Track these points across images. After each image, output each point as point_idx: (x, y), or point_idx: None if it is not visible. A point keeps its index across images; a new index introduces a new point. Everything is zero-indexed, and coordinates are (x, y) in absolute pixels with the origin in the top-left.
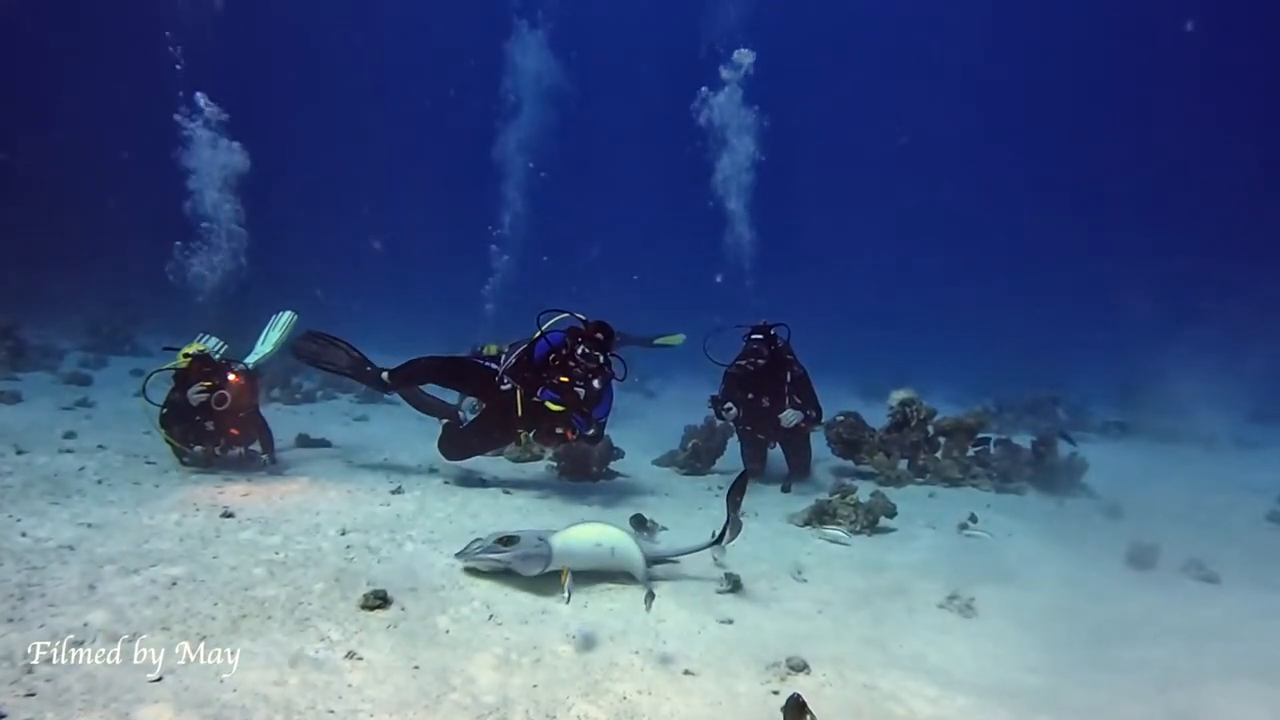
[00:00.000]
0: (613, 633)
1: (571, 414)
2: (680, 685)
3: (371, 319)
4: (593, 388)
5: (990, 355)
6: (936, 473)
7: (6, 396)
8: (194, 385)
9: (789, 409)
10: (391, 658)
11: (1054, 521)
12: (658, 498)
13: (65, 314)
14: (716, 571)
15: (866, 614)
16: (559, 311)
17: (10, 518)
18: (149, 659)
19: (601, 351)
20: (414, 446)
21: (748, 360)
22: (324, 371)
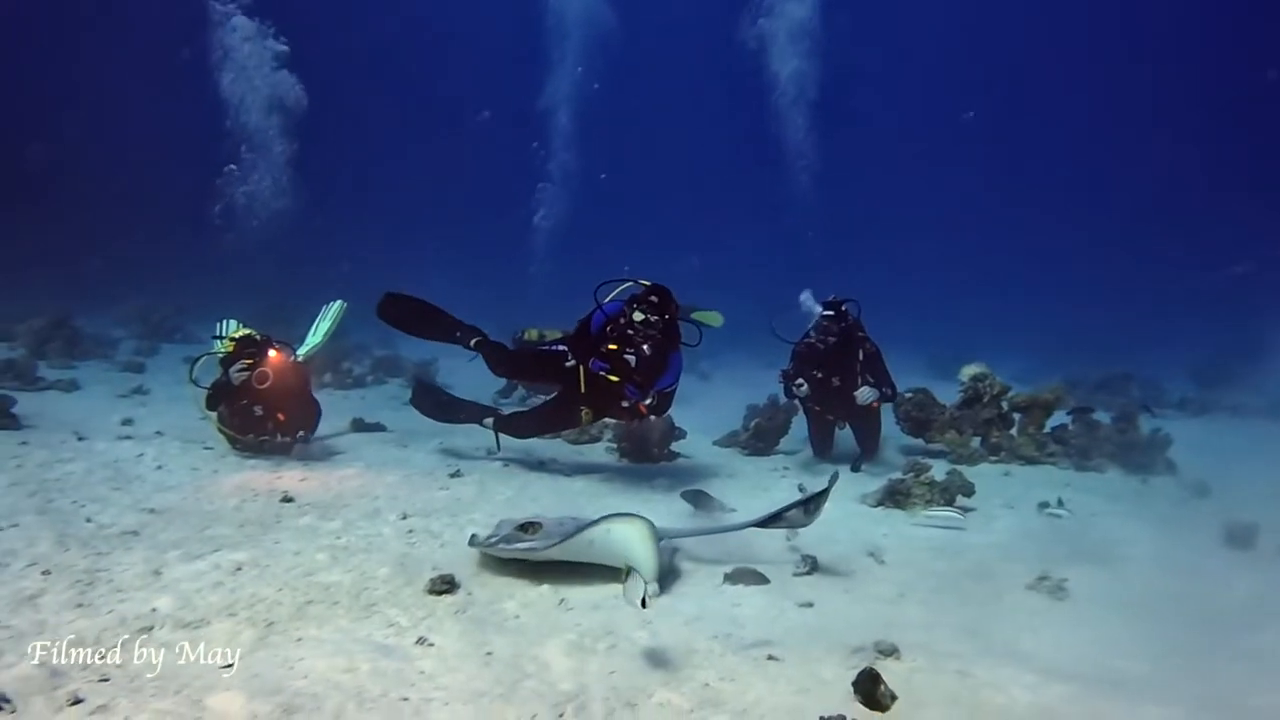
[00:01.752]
0: (687, 618)
1: (624, 383)
2: (764, 671)
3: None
4: (644, 353)
5: (1055, 331)
6: (1011, 450)
7: (64, 384)
8: (235, 364)
9: (864, 388)
10: (462, 644)
11: (1140, 500)
12: (722, 479)
13: (116, 303)
14: (791, 555)
15: (951, 597)
16: (618, 282)
17: (74, 504)
18: (217, 646)
19: (658, 315)
20: (469, 430)
21: (818, 338)
22: (407, 332)
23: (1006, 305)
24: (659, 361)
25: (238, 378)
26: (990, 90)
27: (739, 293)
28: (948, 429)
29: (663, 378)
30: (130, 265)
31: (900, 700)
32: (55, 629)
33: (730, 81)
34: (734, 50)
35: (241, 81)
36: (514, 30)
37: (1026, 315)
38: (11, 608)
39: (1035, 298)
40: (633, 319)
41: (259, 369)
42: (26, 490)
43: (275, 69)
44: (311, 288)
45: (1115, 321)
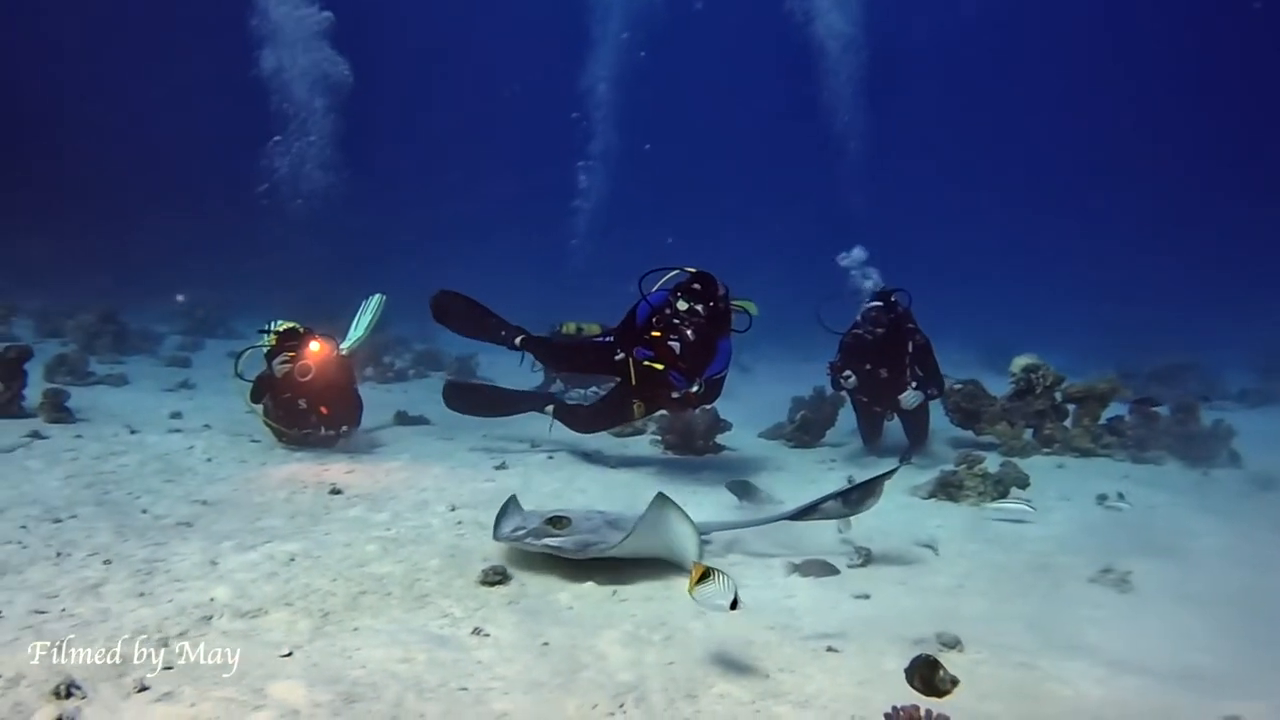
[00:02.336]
0: (742, 609)
1: (669, 371)
2: (824, 663)
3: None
4: (687, 339)
5: (1103, 323)
6: (1065, 442)
7: (114, 379)
8: (278, 357)
9: (909, 390)
10: (517, 635)
11: (1202, 493)
12: (769, 472)
13: (160, 299)
14: (843, 547)
15: (1011, 589)
16: (663, 270)
17: (129, 495)
18: (275, 635)
19: (701, 303)
20: (512, 422)
21: (866, 329)
22: (455, 330)
23: (1054, 297)
24: (705, 348)
25: (280, 370)
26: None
27: (778, 282)
28: (998, 421)
29: (711, 365)
30: (174, 261)
31: (965, 693)
32: (119, 617)
33: (778, 55)
34: (781, 21)
35: (286, 58)
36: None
37: (1074, 307)
38: (76, 596)
39: (1084, 288)
40: (677, 307)
41: (300, 362)
42: (83, 482)
43: (320, 46)
44: (356, 281)
45: (1169, 312)
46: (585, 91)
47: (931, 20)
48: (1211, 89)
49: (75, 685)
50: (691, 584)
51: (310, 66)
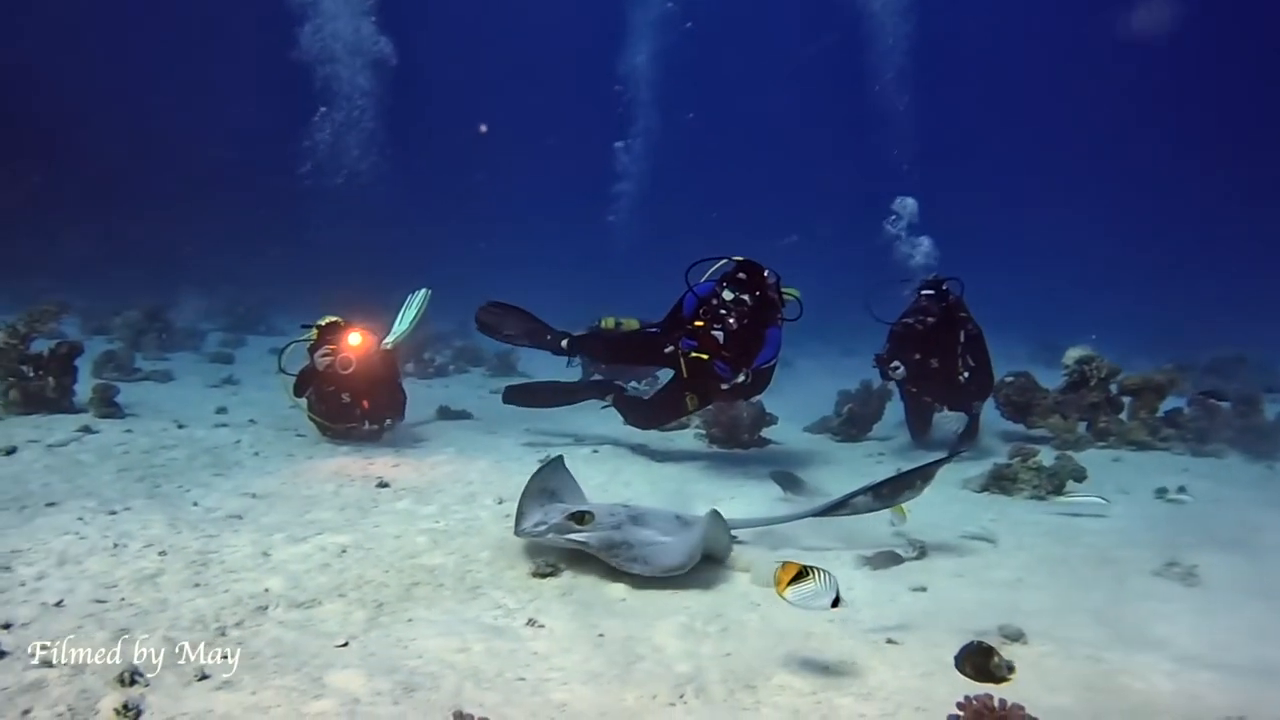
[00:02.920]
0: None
1: (714, 361)
2: (884, 655)
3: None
4: (731, 327)
5: (1154, 314)
6: (1120, 435)
7: (159, 375)
8: (319, 350)
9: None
10: (572, 626)
11: (1268, 486)
12: (816, 465)
13: (203, 296)
14: (895, 540)
15: (1071, 582)
16: (709, 261)
17: (180, 488)
18: (330, 625)
19: (748, 292)
20: (556, 417)
21: (916, 318)
22: (502, 340)
23: (1097, 289)
24: (752, 337)
25: (321, 363)
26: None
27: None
28: (1051, 414)
29: (759, 354)
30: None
31: (1034, 685)
32: (177, 607)
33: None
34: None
35: (329, 34)
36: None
37: (1122, 299)
38: (135, 586)
39: (1131, 279)
40: (723, 297)
41: (341, 355)
42: (135, 475)
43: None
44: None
45: (1222, 303)
46: (627, 63)
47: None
48: (1257, 80)
49: (138, 673)
50: (782, 583)
51: (353, 43)
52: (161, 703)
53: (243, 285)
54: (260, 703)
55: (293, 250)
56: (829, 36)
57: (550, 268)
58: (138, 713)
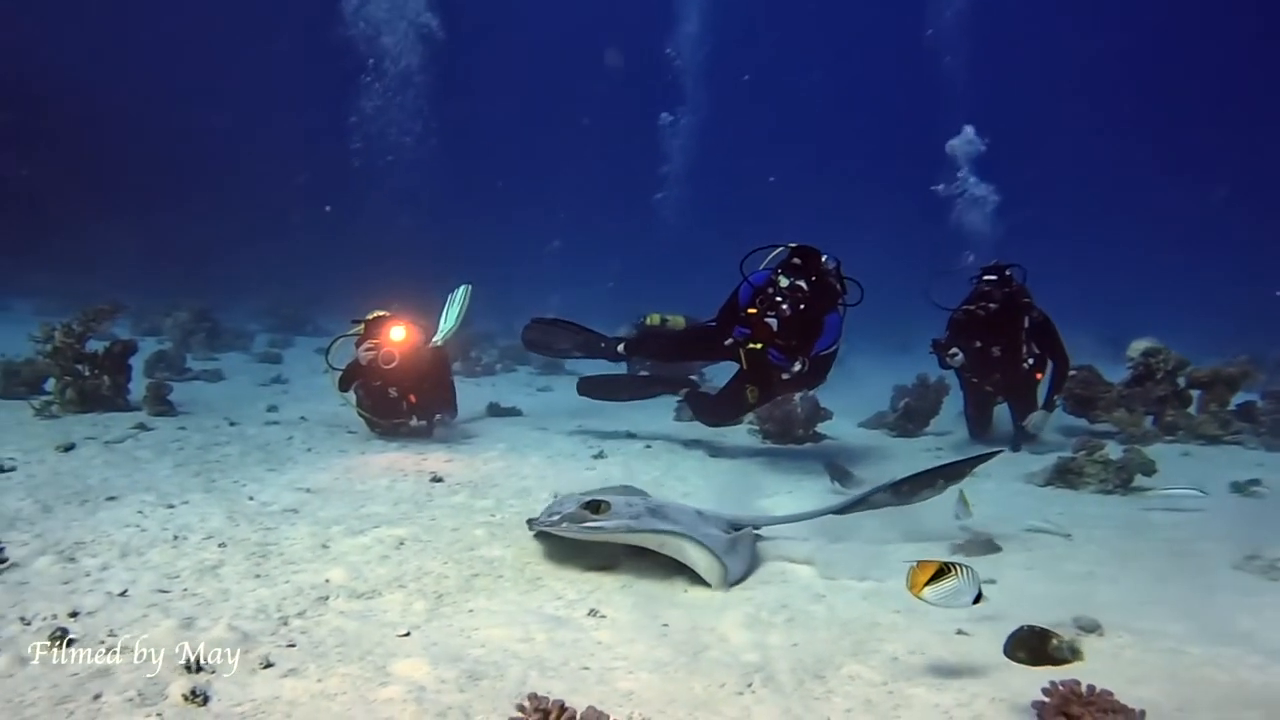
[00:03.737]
0: (864, 592)
1: (768, 349)
2: (955, 646)
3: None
4: (785, 314)
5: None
6: (1189, 429)
7: (210, 375)
8: (364, 344)
9: (1038, 412)
10: (635, 616)
11: None
12: (873, 460)
13: (249, 297)
14: (959, 534)
15: (1147, 575)
16: (766, 250)
17: (235, 483)
18: (392, 615)
19: (804, 277)
20: (606, 413)
21: (977, 304)
22: (554, 355)
23: (1164, 280)
24: (808, 323)
25: (365, 357)
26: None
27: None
28: (1115, 407)
29: (818, 341)
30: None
31: (1116, 677)
32: (239, 597)
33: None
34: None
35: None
36: None
37: (1185, 291)
38: (197, 577)
39: (1196, 271)
40: (779, 284)
41: (384, 349)
42: (191, 471)
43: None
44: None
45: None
46: (679, 31)
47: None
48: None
49: (204, 660)
50: (919, 583)
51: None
52: (228, 689)
53: (290, 286)
54: (326, 690)
55: (339, 249)
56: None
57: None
58: (205, 698)
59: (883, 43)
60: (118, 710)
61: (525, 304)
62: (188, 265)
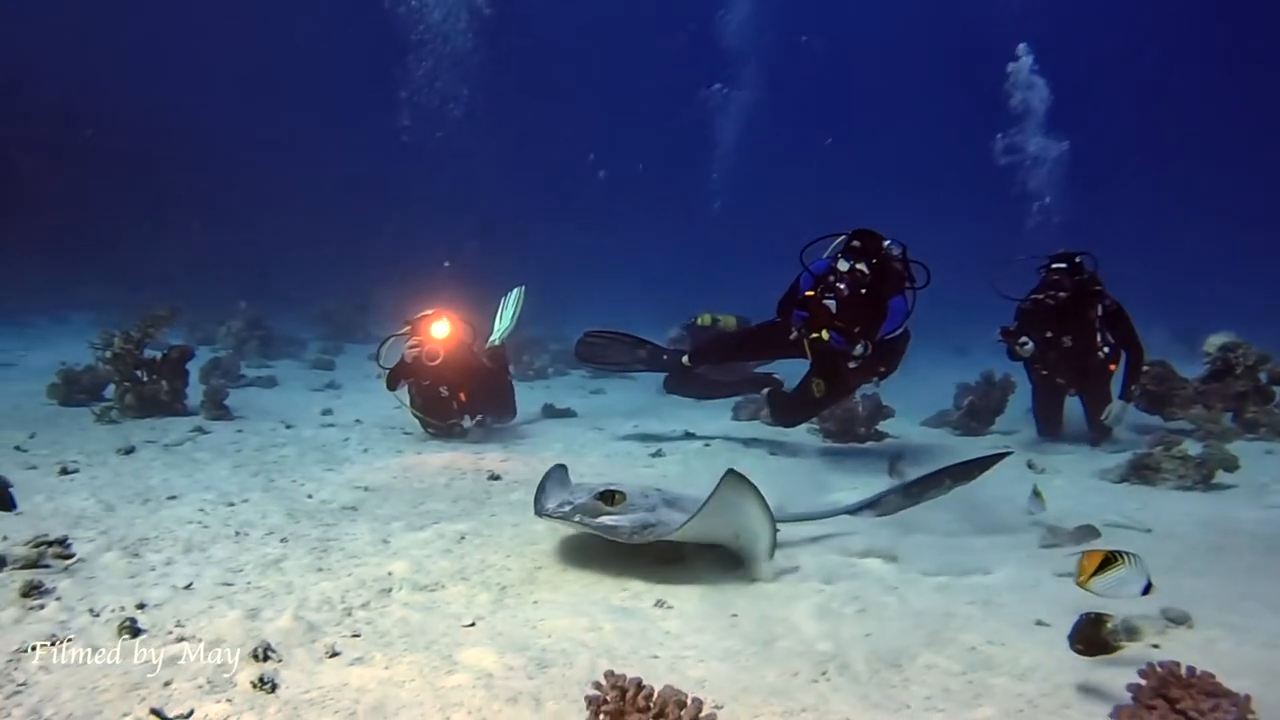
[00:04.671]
0: (937, 585)
1: (829, 332)
2: (1036, 637)
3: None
4: (844, 296)
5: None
6: (1271, 426)
7: (264, 381)
8: (409, 342)
9: (1115, 403)
10: (703, 607)
11: None
12: (939, 459)
13: (300, 305)
14: (1034, 529)
15: (1236, 569)
16: (826, 240)
17: (294, 482)
18: (455, 607)
19: (863, 260)
20: (662, 413)
21: (1047, 293)
22: (609, 369)
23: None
24: (869, 305)
25: (409, 354)
26: None
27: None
28: (1192, 404)
29: (882, 325)
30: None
31: (1210, 669)
32: (303, 589)
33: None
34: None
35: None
36: None
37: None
38: (260, 570)
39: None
40: (838, 269)
41: (428, 345)
42: (250, 471)
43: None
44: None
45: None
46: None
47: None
48: None
49: (271, 649)
50: (1086, 572)
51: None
52: (295, 677)
53: (341, 295)
54: (394, 677)
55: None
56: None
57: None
58: (273, 686)
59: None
60: (188, 696)
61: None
62: (239, 275)
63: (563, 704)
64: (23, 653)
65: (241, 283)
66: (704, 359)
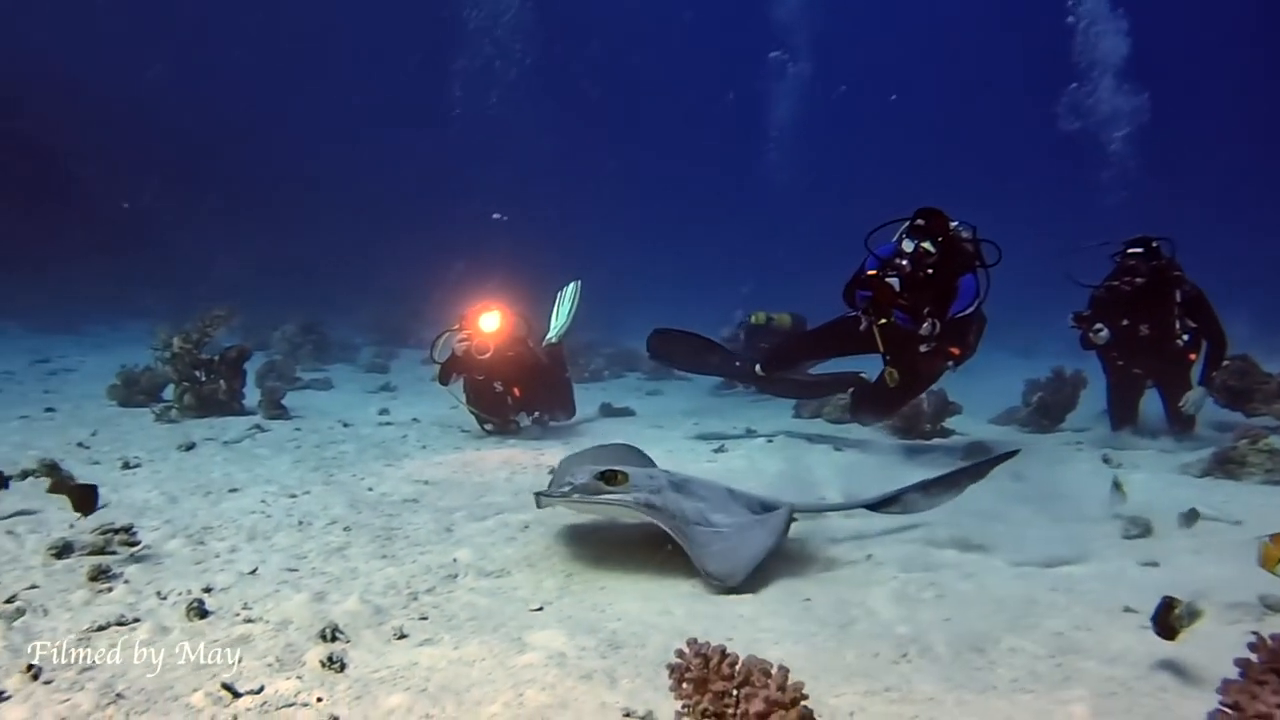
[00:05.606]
0: (1016, 573)
1: (893, 311)
2: (1125, 622)
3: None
4: (905, 271)
5: None
6: None
7: (319, 383)
8: (459, 336)
9: (1195, 389)
10: (775, 592)
11: None
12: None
13: (352, 310)
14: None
15: None
16: (893, 225)
17: (354, 477)
18: (522, 592)
19: (928, 238)
20: (723, 412)
21: (1122, 279)
22: (680, 368)
23: None
24: (937, 284)
25: (459, 348)
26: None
27: None
28: (1276, 399)
29: (953, 304)
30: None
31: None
32: (368, 575)
33: None
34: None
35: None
36: None
37: None
38: (324, 557)
39: None
40: (903, 249)
41: (477, 339)
42: (309, 466)
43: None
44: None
45: None
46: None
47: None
48: None
49: (339, 630)
50: (1274, 558)
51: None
52: (364, 657)
53: (394, 299)
54: (464, 656)
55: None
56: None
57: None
58: (342, 665)
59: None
60: (258, 673)
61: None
62: (292, 281)
63: (638, 682)
64: (93, 631)
65: (293, 288)
66: (776, 365)
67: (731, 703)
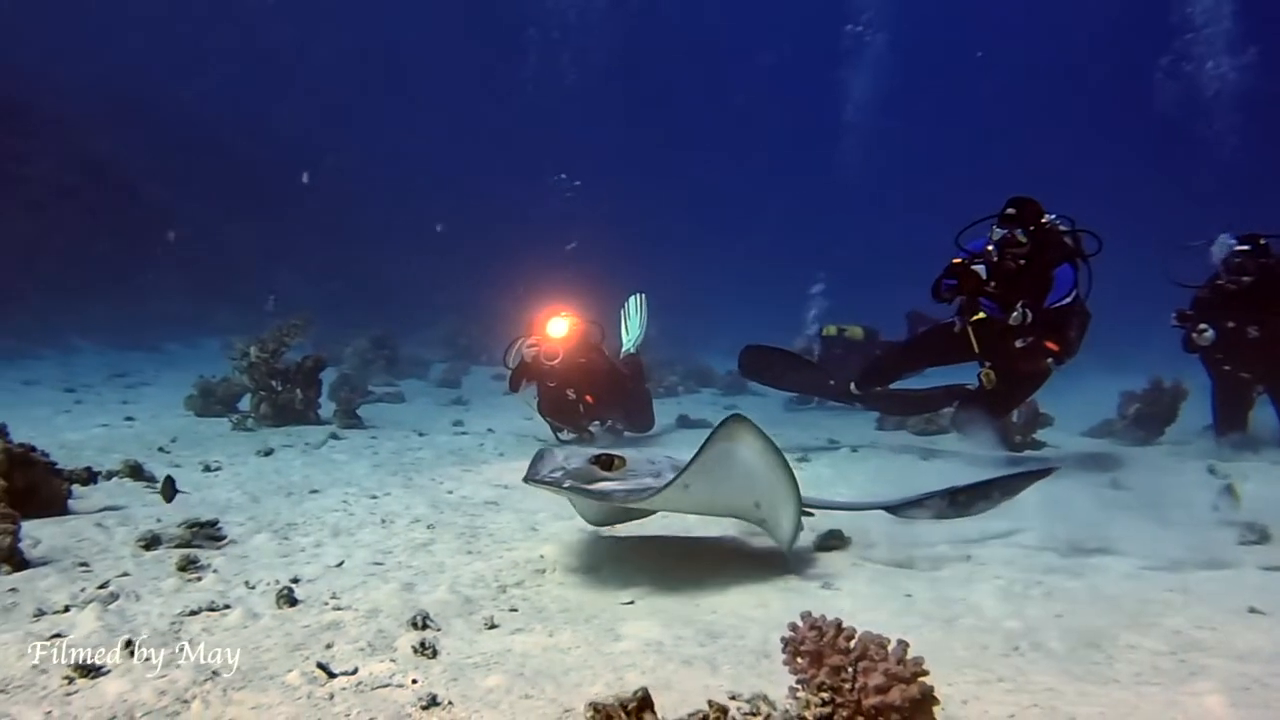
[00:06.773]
0: (1125, 572)
1: (980, 301)
2: (1249, 622)
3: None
4: (991, 258)
5: None
6: None
7: (391, 397)
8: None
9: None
10: (874, 589)
11: None
12: (1104, 468)
13: (423, 327)
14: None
15: None
16: (984, 223)
17: (433, 480)
18: (613, 585)
19: (1019, 227)
20: (802, 423)
21: (1229, 279)
22: (771, 385)
23: None
24: (1029, 273)
25: (529, 354)
26: None
27: None
28: None
29: (1048, 295)
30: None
31: None
32: (454, 569)
33: None
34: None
35: None
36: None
37: None
38: (409, 552)
39: None
40: (993, 237)
41: (545, 345)
42: (388, 470)
43: None
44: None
45: None
46: None
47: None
48: None
49: (429, 618)
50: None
51: None
52: (455, 644)
53: (466, 316)
54: (558, 644)
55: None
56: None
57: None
58: (434, 651)
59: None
60: (351, 657)
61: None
62: (363, 298)
63: (739, 669)
64: (186, 615)
65: (366, 305)
66: (872, 381)
67: (849, 677)
